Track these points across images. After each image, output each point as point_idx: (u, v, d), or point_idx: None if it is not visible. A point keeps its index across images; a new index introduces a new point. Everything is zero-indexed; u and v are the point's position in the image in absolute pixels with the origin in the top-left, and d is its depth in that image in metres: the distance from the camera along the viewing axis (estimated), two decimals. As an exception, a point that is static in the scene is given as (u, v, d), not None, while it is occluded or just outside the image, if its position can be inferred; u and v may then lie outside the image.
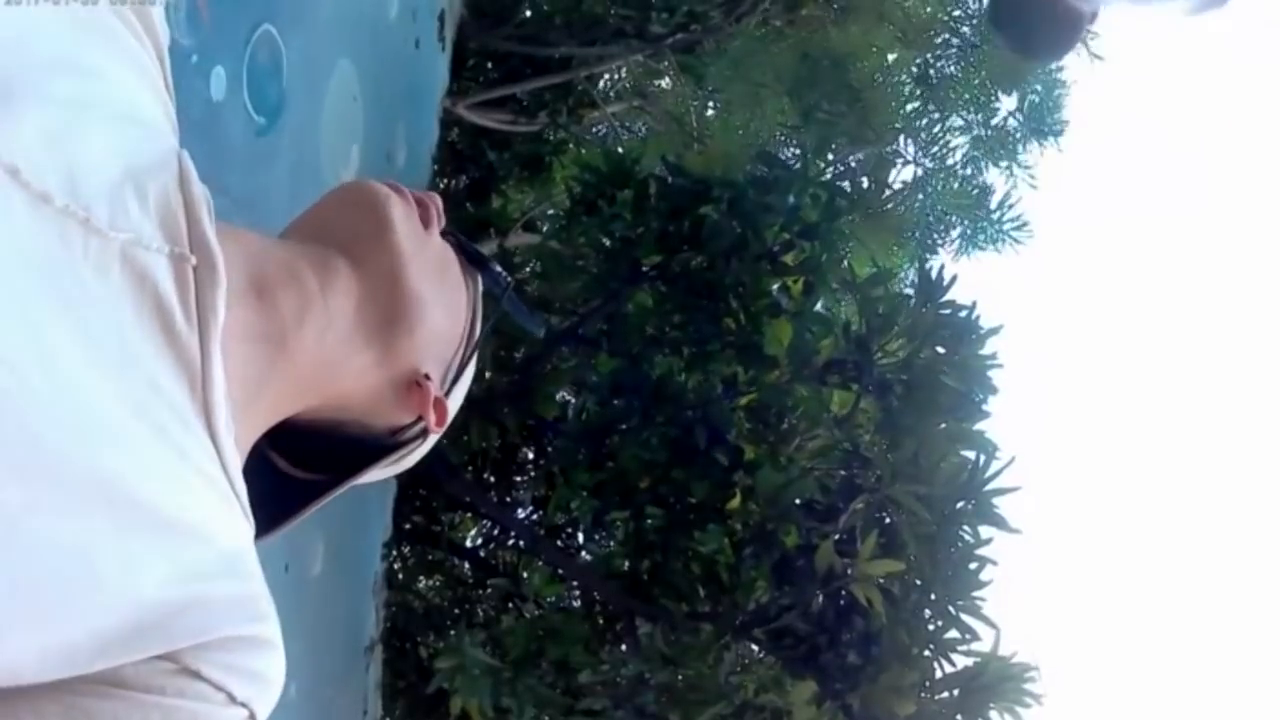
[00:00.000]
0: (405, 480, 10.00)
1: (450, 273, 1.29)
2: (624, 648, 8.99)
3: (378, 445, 1.29)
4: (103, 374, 0.88)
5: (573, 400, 10.05)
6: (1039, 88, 13.13)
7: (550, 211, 13.21)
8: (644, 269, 8.81)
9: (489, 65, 12.92)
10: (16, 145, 0.89)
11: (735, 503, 8.34)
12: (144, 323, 0.94)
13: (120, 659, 0.89)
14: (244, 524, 1.01)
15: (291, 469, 1.28)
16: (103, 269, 0.92)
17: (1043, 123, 13.11)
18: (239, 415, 1.02)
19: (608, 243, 8.90)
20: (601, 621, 9.50)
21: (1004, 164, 13.16)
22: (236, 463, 1.00)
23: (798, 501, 8.35)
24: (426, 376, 1.24)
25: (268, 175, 5.62)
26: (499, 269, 1.39)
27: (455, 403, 1.33)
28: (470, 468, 10.76)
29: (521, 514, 11.08)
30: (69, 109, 0.97)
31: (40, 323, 0.85)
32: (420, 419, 1.27)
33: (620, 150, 10.94)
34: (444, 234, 1.31)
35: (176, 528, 0.92)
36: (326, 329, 1.15)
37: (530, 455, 10.82)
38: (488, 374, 10.32)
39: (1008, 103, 13.29)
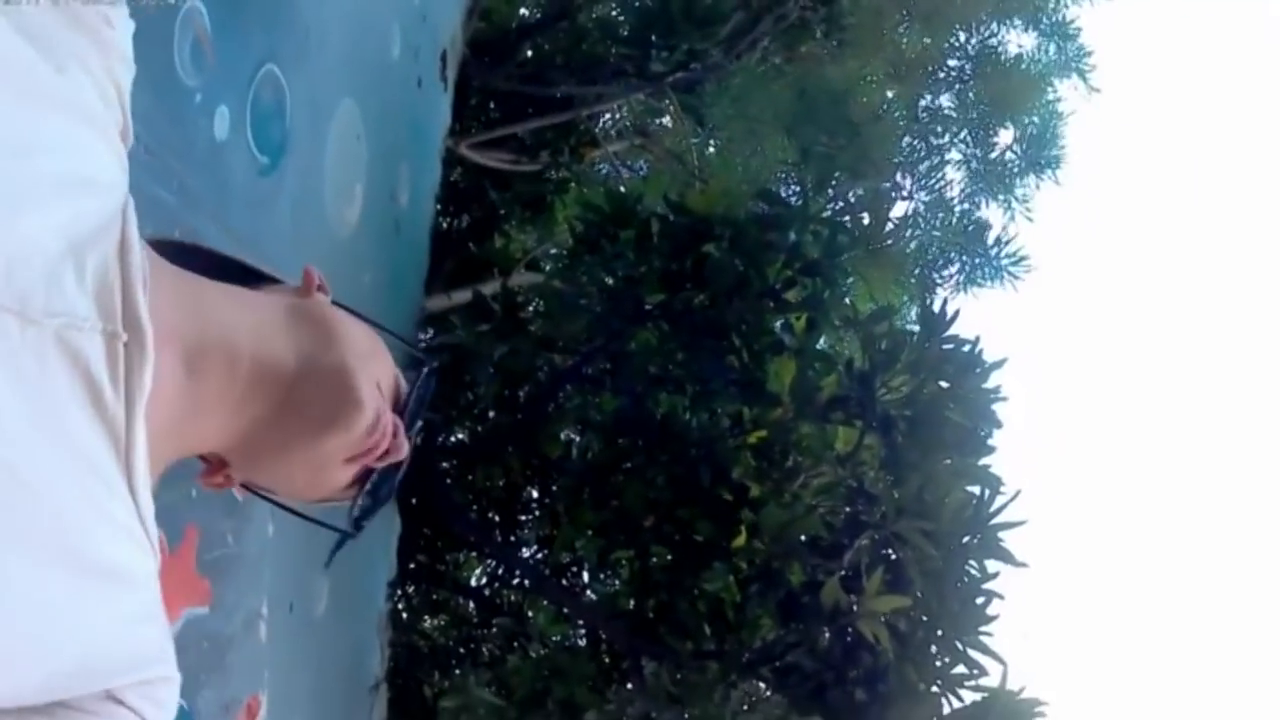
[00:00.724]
0: (410, 519, 9.99)
1: (327, 482, 1.34)
2: (630, 687, 8.95)
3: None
4: (45, 446, 0.98)
5: (577, 439, 10.04)
6: (1035, 119, 13.17)
7: (553, 250, 13.25)
8: (647, 307, 8.82)
9: (491, 104, 12.97)
10: None
11: (740, 540, 8.32)
12: (77, 398, 1.02)
13: (65, 694, 1.00)
14: (155, 569, 1.11)
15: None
16: (39, 354, 0.98)
17: (1040, 155, 13.13)
18: (155, 455, 1.12)
19: (610, 281, 8.91)
20: (607, 660, 9.46)
21: (1001, 198, 13.19)
22: (151, 515, 1.10)
23: (803, 538, 8.32)
24: (227, 474, 1.34)
25: (271, 214, 5.64)
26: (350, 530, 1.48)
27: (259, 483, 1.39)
28: (475, 506, 10.75)
29: (526, 553, 11.05)
30: (3, 192, 1.01)
31: None
32: (220, 470, 1.34)
33: (622, 189, 10.98)
34: (365, 470, 1.35)
35: (112, 578, 1.04)
36: (231, 420, 1.23)
37: (535, 494, 10.79)
38: (491, 414, 10.32)
39: (1005, 136, 13.34)
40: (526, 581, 11.00)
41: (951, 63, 13.43)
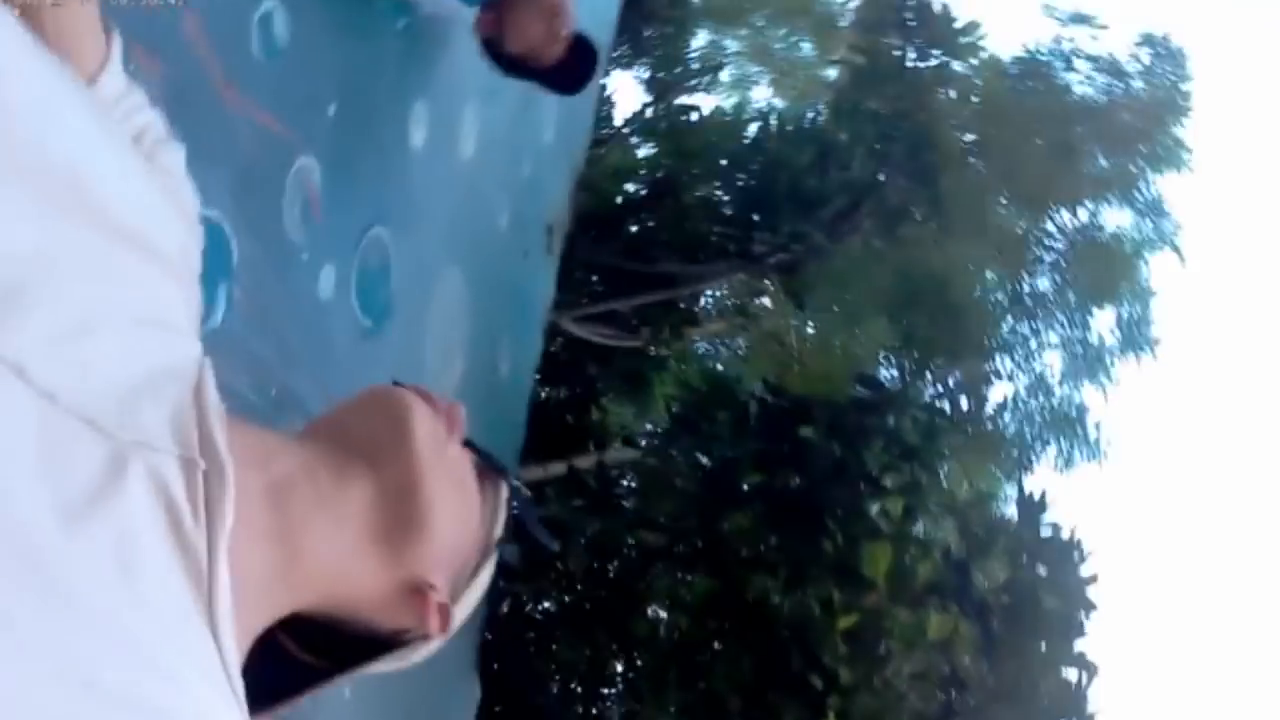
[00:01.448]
0: (489, 690, 9.90)
1: (466, 483, 1.30)
2: None
3: (380, 643, 1.29)
4: (109, 577, 0.90)
5: (664, 617, 9.94)
6: (1131, 301, 13.15)
7: (649, 427, 13.26)
8: (742, 489, 8.80)
9: (594, 278, 13.10)
10: (24, 344, 0.91)
11: (829, 727, 8.18)
12: (154, 522, 0.96)
13: None
14: (238, 714, 1.01)
15: (299, 652, 1.28)
16: (111, 470, 0.93)
17: (1136, 337, 13.10)
18: (246, 609, 1.04)
19: (706, 462, 8.91)
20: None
21: (1099, 380, 13.15)
22: (235, 660, 1.01)
23: (893, 727, 8.17)
24: (431, 586, 1.24)
25: (372, 378, 5.62)
26: (515, 482, 1.40)
27: (464, 609, 1.32)
28: (557, 678, 10.64)
29: (608, 730, 10.91)
30: (85, 311, 0.99)
31: (40, 528, 0.87)
32: (423, 624, 1.26)
33: (720, 368, 11.02)
34: (465, 444, 1.32)
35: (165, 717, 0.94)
36: (336, 532, 1.16)
37: (619, 669, 10.67)
38: (579, 587, 10.26)
39: (1102, 318, 13.33)
40: (606, 759, 10.85)
41: (1051, 244, 13.46)
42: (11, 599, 0.84)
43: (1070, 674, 8.38)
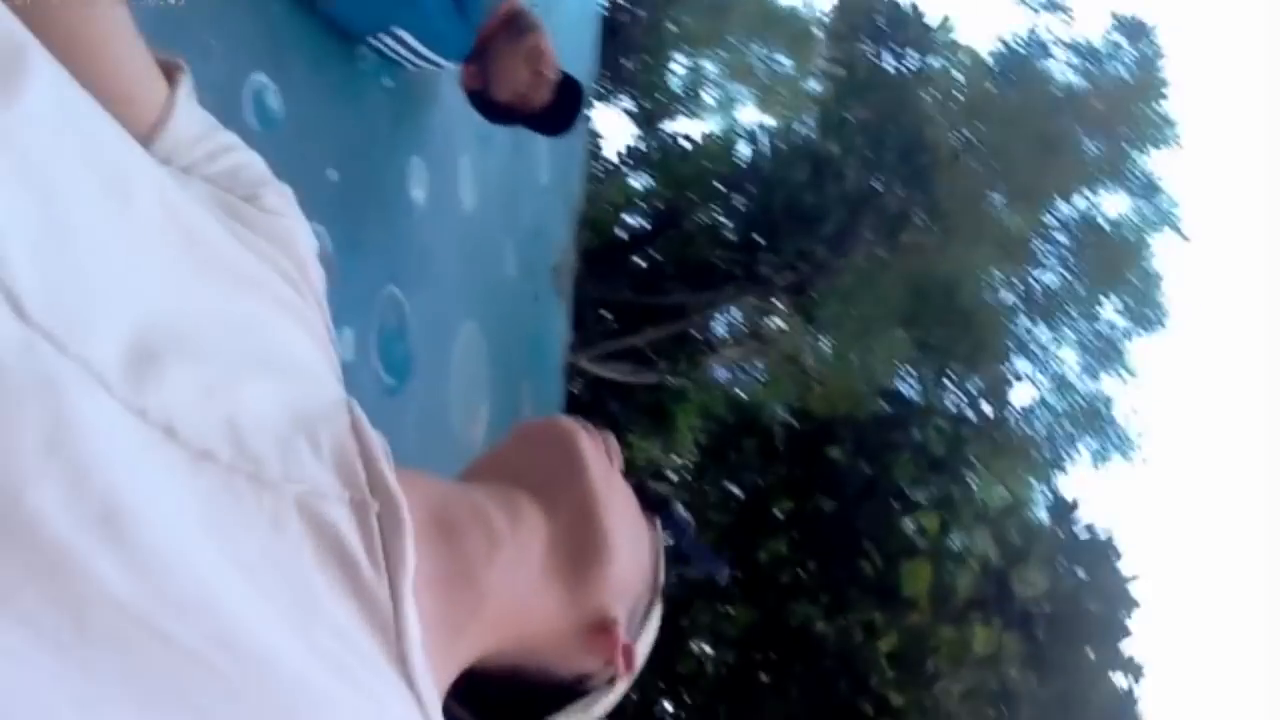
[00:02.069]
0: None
1: (636, 512, 1.23)
2: None
3: (561, 692, 1.20)
4: (288, 632, 0.83)
5: (710, 652, 9.88)
6: (1136, 282, 13.13)
7: (677, 459, 13.22)
8: (776, 516, 8.76)
9: (607, 315, 13.09)
10: (170, 404, 0.84)
11: (883, 752, 8.11)
12: (328, 574, 0.88)
13: None
14: None
15: (471, 718, 1.18)
16: (279, 523, 0.86)
17: (1144, 314, 13.08)
18: (434, 658, 0.95)
19: (738, 491, 8.89)
20: None
21: (1116, 368, 13.12)
22: (438, 707, 0.95)
23: (946, 747, 8.10)
24: (615, 620, 1.15)
25: (399, 435, 5.55)
26: (681, 511, 1.32)
27: (644, 648, 1.22)
28: (605, 723, 10.57)
29: (661, 772, 10.83)
30: (225, 361, 0.92)
31: (212, 592, 0.80)
32: (609, 664, 1.17)
33: (742, 395, 10.97)
34: (624, 475, 1.25)
35: None
36: (517, 569, 1.08)
37: (669, 708, 10.61)
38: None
39: (1111, 304, 13.31)
40: (662, 802, 10.77)
41: (1054, 237, 13.47)
42: (203, 686, 0.78)
43: (1119, 679, 8.33)
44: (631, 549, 1.19)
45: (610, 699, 1.22)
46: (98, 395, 0.80)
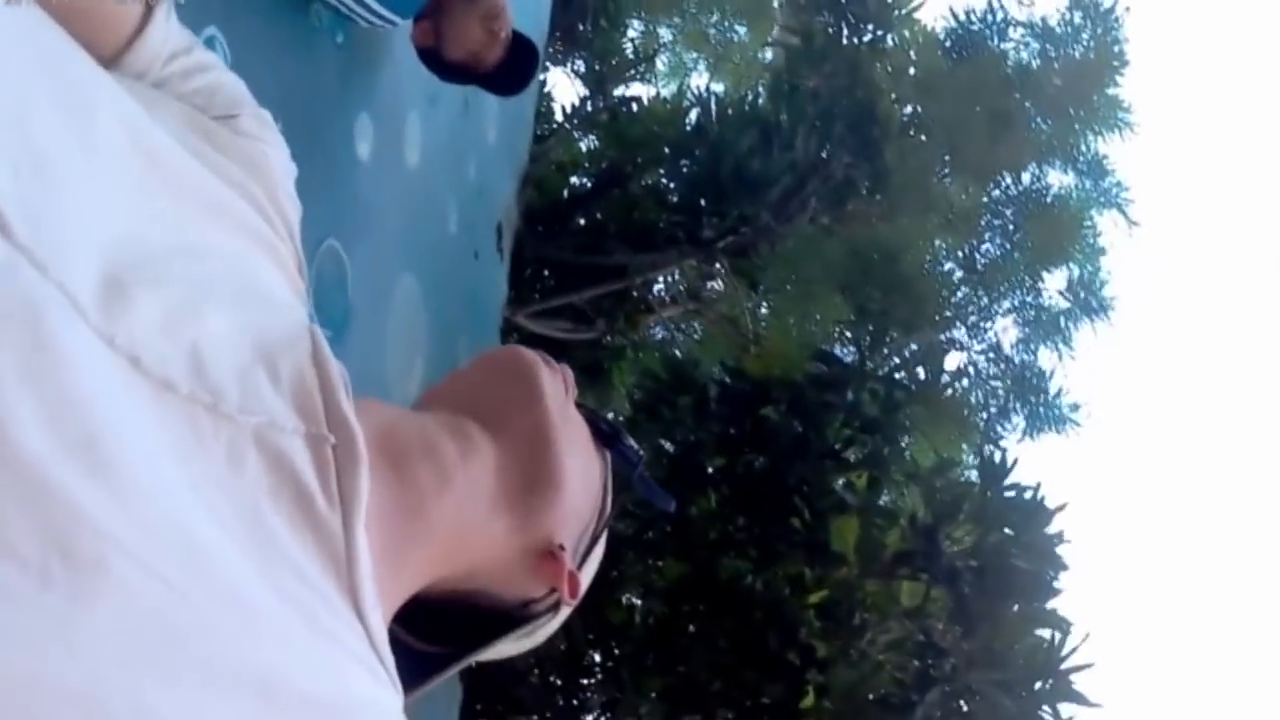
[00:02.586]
0: (470, 685, 9.93)
1: (588, 443, 1.28)
2: None
3: (506, 618, 1.25)
4: (247, 565, 0.85)
5: (639, 604, 9.98)
6: (1080, 260, 13.21)
7: (612, 416, 13.25)
8: (708, 472, 8.84)
9: (546, 273, 13.10)
10: (135, 334, 0.86)
11: (809, 701, 8.23)
12: (282, 507, 0.90)
13: None
14: (395, 698, 0.97)
15: (415, 642, 1.22)
16: (236, 455, 0.89)
17: (1090, 299, 13.16)
18: (382, 587, 0.98)
19: (670, 448, 8.96)
20: (676, 827, 9.32)
21: (1053, 343, 13.19)
22: (385, 639, 0.97)
23: (872, 697, 8.24)
24: (562, 547, 1.20)
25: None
26: (631, 444, 1.37)
27: (587, 577, 1.29)
28: (536, 671, 10.66)
29: (589, 719, 10.93)
30: (189, 289, 0.95)
31: (183, 522, 0.82)
32: (554, 590, 1.23)
33: (679, 355, 11.04)
34: (576, 406, 1.30)
35: (335, 715, 0.89)
36: (466, 501, 1.12)
37: (597, 659, 10.70)
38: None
39: (1053, 281, 13.38)
40: (590, 749, 10.88)
41: (999, 210, 13.52)
42: (179, 616, 0.79)
43: (1046, 635, 8.44)
44: (582, 479, 1.24)
45: (553, 625, 1.29)
46: (74, 320, 0.82)
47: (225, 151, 1.12)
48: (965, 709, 8.18)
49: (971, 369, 13.20)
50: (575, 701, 10.93)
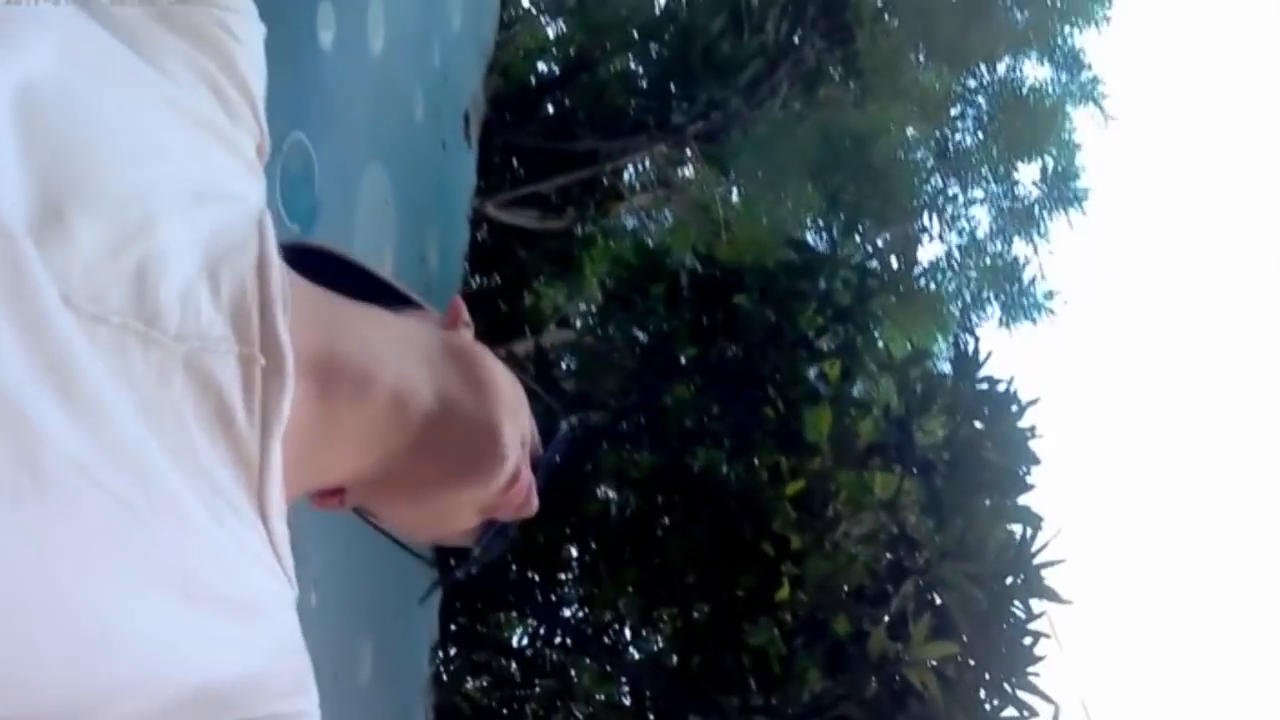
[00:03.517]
0: (450, 582, 9.96)
1: (449, 527, 1.30)
2: (677, 744, 8.90)
3: None
4: (176, 476, 0.91)
5: (615, 497, 9.98)
6: (1054, 152, 13.16)
7: (583, 307, 13.22)
8: (680, 362, 8.79)
9: (515, 162, 12.99)
10: (70, 268, 0.88)
11: (784, 593, 8.26)
12: (205, 425, 0.95)
13: None
14: (289, 591, 1.05)
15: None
16: (164, 378, 0.92)
17: (1064, 190, 13.12)
18: (295, 491, 1.07)
19: (643, 337, 8.90)
20: (653, 718, 9.40)
21: (1027, 235, 13.18)
22: (287, 546, 1.04)
23: (846, 588, 8.26)
24: (341, 498, 1.24)
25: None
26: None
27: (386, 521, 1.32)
28: (514, 567, 10.70)
29: (568, 612, 10.99)
30: (134, 205, 0.95)
31: (133, 441, 0.88)
32: (336, 495, 1.25)
33: (650, 243, 10.97)
34: (490, 520, 1.31)
35: (241, 611, 0.98)
36: (362, 451, 1.16)
37: (574, 553, 10.74)
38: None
39: (1027, 172, 13.34)
40: (569, 641, 10.94)
41: (973, 99, 13.44)
42: (128, 529, 0.87)
43: (1017, 529, 8.47)
44: (433, 523, 1.28)
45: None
46: (26, 248, 0.84)
47: (180, 31, 1.09)
48: (938, 601, 8.21)
49: (946, 258, 13.18)
50: (553, 596, 10.98)
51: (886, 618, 8.05)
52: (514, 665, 11.97)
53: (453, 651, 11.70)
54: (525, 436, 1.28)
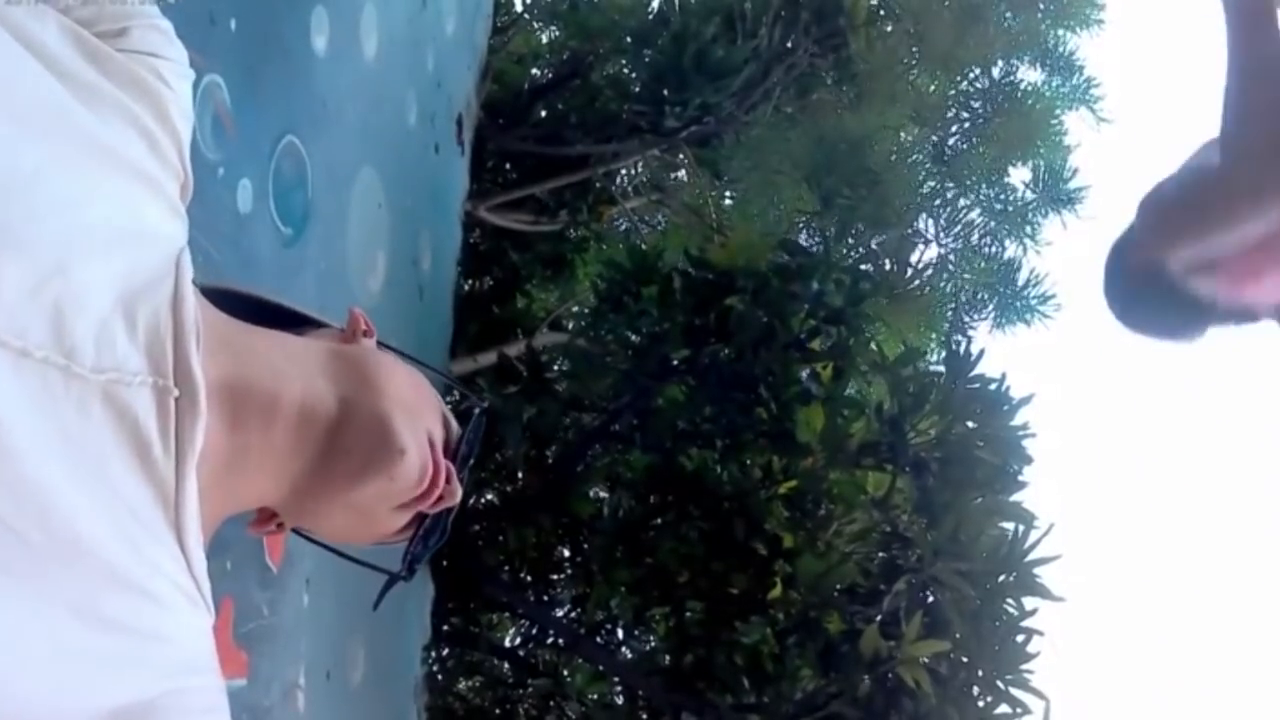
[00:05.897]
0: (443, 582, 9.97)
1: (376, 528, 1.33)
2: (670, 743, 8.91)
3: None
4: (89, 504, 0.97)
5: (607, 497, 10.01)
6: (1045, 154, 13.15)
7: (575, 309, 13.26)
8: (673, 363, 8.82)
9: (507, 166, 13.01)
10: None
11: (776, 592, 8.28)
12: (123, 454, 1.01)
13: None
14: (207, 623, 1.11)
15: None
16: (84, 409, 0.98)
17: (1058, 192, 13.10)
18: (213, 514, 1.14)
19: (635, 339, 8.93)
20: (646, 718, 9.41)
21: (1019, 236, 13.16)
22: (204, 569, 1.10)
23: (839, 587, 8.28)
24: (278, 523, 1.31)
25: (296, 285, 5.66)
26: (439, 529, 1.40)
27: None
28: (507, 568, 10.71)
29: (560, 612, 11.00)
30: (59, 247, 1.00)
31: (40, 479, 0.94)
32: (270, 519, 1.32)
33: (643, 246, 10.98)
34: (418, 515, 1.33)
35: (148, 637, 1.02)
36: (278, 470, 1.22)
37: (567, 553, 10.75)
38: (521, 475, 10.31)
39: (1020, 174, 13.32)
40: (561, 641, 10.94)
41: (967, 102, 13.44)
42: (19, 558, 0.92)
43: (1009, 527, 8.46)
44: (355, 525, 1.33)
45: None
46: None
47: (110, 73, 1.15)
48: (930, 599, 8.23)
49: (940, 261, 13.17)
50: (546, 597, 11.00)
51: (879, 616, 8.07)
52: (507, 665, 11.97)
53: (445, 652, 11.69)
54: (434, 428, 1.31)
